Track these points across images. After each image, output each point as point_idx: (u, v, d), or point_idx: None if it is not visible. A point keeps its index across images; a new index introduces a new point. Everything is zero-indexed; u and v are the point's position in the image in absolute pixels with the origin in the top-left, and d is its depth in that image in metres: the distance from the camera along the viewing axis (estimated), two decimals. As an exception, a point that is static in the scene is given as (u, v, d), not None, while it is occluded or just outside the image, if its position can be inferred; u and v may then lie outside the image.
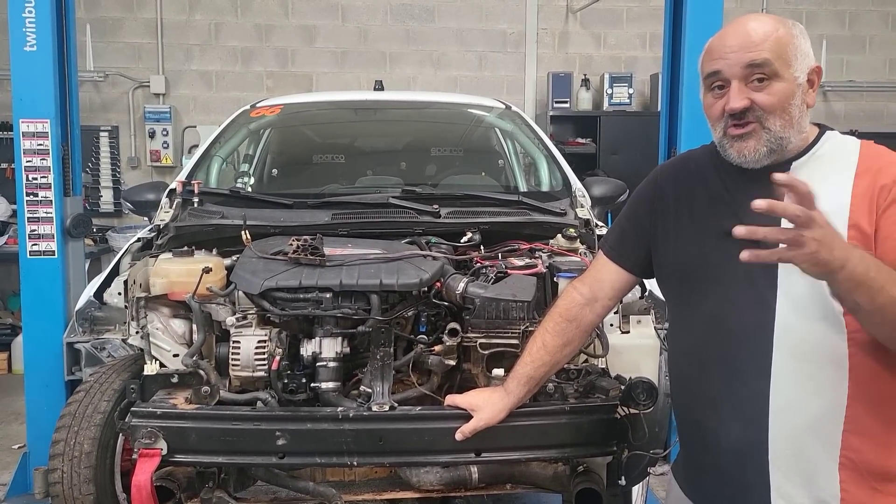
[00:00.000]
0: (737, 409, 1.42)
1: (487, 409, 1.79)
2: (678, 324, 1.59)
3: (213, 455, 1.94)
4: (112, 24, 6.76)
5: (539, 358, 1.72)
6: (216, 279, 2.22)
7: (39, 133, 3.18)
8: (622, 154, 6.69)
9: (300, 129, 4.07)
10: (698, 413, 1.51)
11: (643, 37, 7.21)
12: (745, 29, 1.41)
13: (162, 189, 3.09)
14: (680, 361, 1.57)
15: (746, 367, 1.41)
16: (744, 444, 1.42)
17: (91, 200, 6.61)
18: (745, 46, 1.39)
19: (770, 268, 1.37)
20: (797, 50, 1.40)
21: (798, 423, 1.37)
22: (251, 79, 6.92)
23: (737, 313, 1.42)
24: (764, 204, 1.19)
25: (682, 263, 1.52)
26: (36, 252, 3.23)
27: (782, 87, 1.39)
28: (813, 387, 1.36)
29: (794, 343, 1.37)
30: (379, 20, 7.01)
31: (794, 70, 1.40)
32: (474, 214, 2.62)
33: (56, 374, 2.84)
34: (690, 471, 1.59)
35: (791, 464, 1.39)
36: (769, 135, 1.39)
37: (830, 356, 1.35)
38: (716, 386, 1.45)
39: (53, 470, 2.03)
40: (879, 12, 7.34)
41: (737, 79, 1.39)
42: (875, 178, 1.35)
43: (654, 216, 1.60)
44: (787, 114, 1.39)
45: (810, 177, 1.37)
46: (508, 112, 3.82)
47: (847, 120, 7.30)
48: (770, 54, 1.38)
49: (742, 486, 1.44)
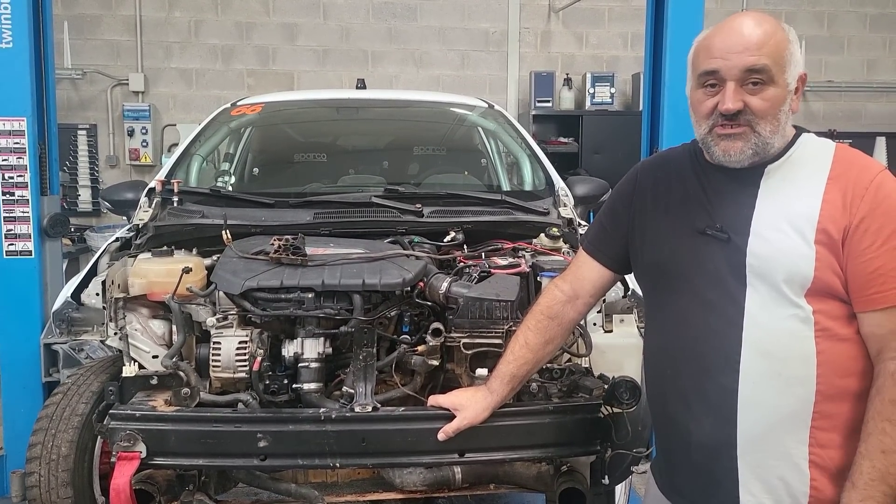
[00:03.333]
0: (706, 405, 1.45)
1: (471, 409, 1.79)
2: (652, 321, 1.62)
3: (193, 457, 1.92)
4: (90, 21, 6.69)
5: (522, 356, 1.73)
6: (196, 279, 2.20)
7: (16, 131, 3.13)
8: (604, 153, 6.72)
9: (281, 127, 4.04)
10: (671, 409, 1.53)
11: (625, 36, 7.25)
12: (748, 31, 1.40)
13: (141, 188, 3.06)
14: (654, 358, 1.59)
15: (715, 364, 1.43)
16: (713, 440, 1.45)
17: (69, 200, 6.54)
18: (747, 49, 1.38)
19: (739, 265, 1.40)
20: (792, 56, 1.41)
21: (766, 419, 1.40)
22: (232, 77, 6.87)
23: (707, 310, 1.44)
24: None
25: (657, 260, 1.55)
26: (13, 252, 3.18)
27: (775, 93, 1.40)
28: (781, 383, 1.38)
29: (762, 340, 1.39)
30: (361, 18, 6.99)
31: (787, 76, 1.41)
32: (457, 214, 2.62)
33: (33, 375, 2.80)
34: (665, 466, 1.61)
35: (759, 459, 1.41)
36: (757, 138, 1.40)
37: (798, 353, 1.37)
38: (687, 382, 1.48)
39: (30, 473, 2.00)
40: (857, 13, 7.43)
41: (733, 80, 1.39)
42: (847, 185, 1.37)
43: (632, 213, 1.62)
44: (776, 119, 1.41)
45: (783, 179, 1.41)
46: (491, 111, 3.82)
47: (826, 120, 7.39)
48: (769, 60, 1.38)
49: (712, 480, 1.47)
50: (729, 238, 1.42)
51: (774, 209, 1.40)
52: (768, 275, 1.37)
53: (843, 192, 1.36)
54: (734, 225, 1.42)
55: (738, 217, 1.42)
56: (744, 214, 1.42)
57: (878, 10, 7.44)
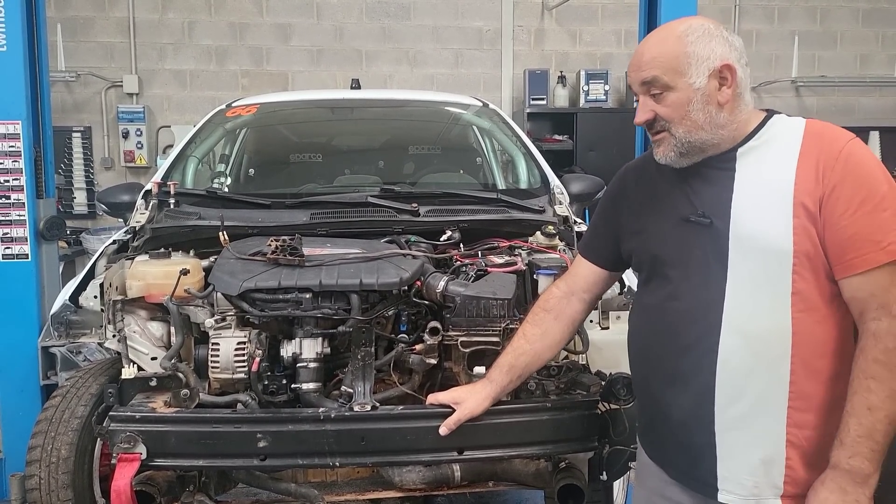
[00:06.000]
0: (685, 384, 1.50)
1: (471, 400, 1.82)
2: (639, 303, 1.68)
3: (193, 458, 1.92)
4: (83, 24, 6.67)
5: (519, 346, 1.79)
6: (194, 281, 2.20)
7: (11, 135, 3.13)
8: (599, 150, 6.73)
9: (277, 128, 4.04)
10: (653, 386, 1.60)
11: (618, 33, 7.25)
12: (641, 49, 1.52)
13: (137, 190, 3.06)
14: (638, 337, 1.65)
15: (695, 343, 1.48)
16: (693, 417, 1.50)
17: (64, 202, 6.52)
18: (637, 66, 1.51)
19: (722, 248, 1.46)
20: (690, 58, 1.46)
21: (743, 398, 1.45)
22: (226, 78, 6.86)
23: (691, 292, 1.50)
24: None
25: (647, 251, 1.61)
26: (9, 255, 3.18)
27: (676, 97, 1.47)
28: (758, 363, 1.43)
29: (741, 320, 1.44)
30: (354, 18, 6.99)
31: (689, 77, 1.46)
32: (453, 213, 2.62)
33: (31, 379, 2.81)
34: (651, 438, 1.68)
35: (736, 437, 1.46)
36: (675, 140, 1.50)
37: (776, 332, 1.42)
38: (669, 362, 1.53)
39: (30, 476, 2.00)
40: (850, 8, 7.45)
41: (641, 94, 1.51)
42: (819, 156, 1.42)
43: (619, 211, 1.70)
44: (687, 119, 1.48)
45: (757, 160, 1.48)
46: (486, 109, 3.82)
47: (819, 115, 7.40)
48: (658, 70, 1.47)
49: (693, 455, 1.53)
50: (711, 222, 1.48)
51: (752, 189, 1.46)
52: (749, 254, 1.43)
53: (816, 163, 1.41)
54: (715, 209, 1.48)
55: (719, 201, 1.49)
56: (724, 198, 1.48)
57: (871, 4, 7.46)
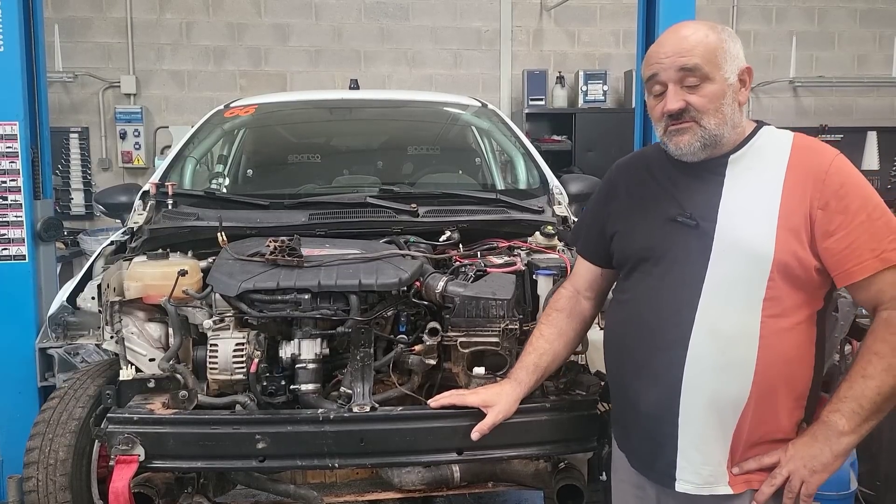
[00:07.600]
0: (655, 377, 1.56)
1: (503, 402, 1.82)
2: (618, 298, 1.72)
3: (191, 460, 1.92)
4: (81, 24, 6.66)
5: (540, 346, 1.82)
6: (192, 282, 2.19)
7: (8, 136, 3.13)
8: (597, 151, 6.73)
9: (275, 129, 4.03)
10: (625, 378, 1.66)
11: (617, 34, 7.26)
12: (678, 36, 1.55)
13: (135, 191, 3.05)
14: (614, 330, 1.70)
15: (667, 339, 1.54)
16: (658, 409, 1.56)
17: (62, 203, 6.51)
18: (677, 52, 1.52)
19: (705, 249, 1.51)
20: (726, 53, 1.53)
21: (706, 395, 1.50)
22: (224, 78, 6.85)
23: (668, 290, 1.56)
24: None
25: (632, 248, 1.65)
26: (6, 257, 3.18)
27: (713, 89, 1.52)
28: (724, 362, 1.49)
29: (712, 321, 1.50)
30: (353, 18, 6.98)
31: (725, 72, 1.52)
32: (452, 213, 2.62)
33: (29, 380, 2.80)
34: (620, 428, 1.74)
35: (697, 430, 1.52)
36: (704, 132, 1.52)
37: (743, 335, 1.49)
38: (641, 354, 1.59)
39: (28, 478, 2.00)
40: (848, 8, 7.46)
41: (672, 82, 1.53)
42: (807, 172, 1.49)
43: (609, 209, 1.74)
44: (720, 112, 1.52)
45: (747, 167, 1.54)
46: (484, 110, 3.82)
47: (817, 115, 7.41)
48: (700, 59, 1.51)
49: (656, 446, 1.59)
50: (697, 224, 1.53)
51: (741, 195, 1.52)
52: (731, 257, 1.49)
53: (804, 177, 1.48)
54: (703, 212, 1.53)
55: (707, 205, 1.54)
56: (712, 202, 1.53)
57: (868, 4, 7.46)
